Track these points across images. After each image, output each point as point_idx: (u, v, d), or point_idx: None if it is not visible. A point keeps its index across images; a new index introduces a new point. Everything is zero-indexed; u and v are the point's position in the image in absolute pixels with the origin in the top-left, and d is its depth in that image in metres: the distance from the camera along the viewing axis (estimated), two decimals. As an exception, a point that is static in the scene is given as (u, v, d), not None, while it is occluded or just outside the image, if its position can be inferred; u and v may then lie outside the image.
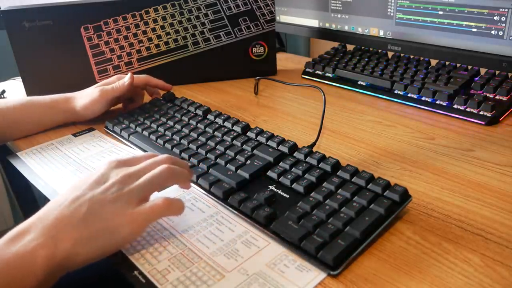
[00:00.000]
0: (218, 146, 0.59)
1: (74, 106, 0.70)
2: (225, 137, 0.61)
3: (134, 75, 0.71)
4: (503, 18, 0.67)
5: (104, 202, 0.41)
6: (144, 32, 0.87)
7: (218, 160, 0.56)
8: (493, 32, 0.68)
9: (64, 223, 0.39)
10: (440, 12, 0.74)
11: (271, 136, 0.59)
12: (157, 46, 0.88)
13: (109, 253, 0.41)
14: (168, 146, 0.61)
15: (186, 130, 0.64)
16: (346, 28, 0.91)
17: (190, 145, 0.60)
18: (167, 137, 0.63)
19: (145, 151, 0.62)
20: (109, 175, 0.44)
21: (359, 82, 0.82)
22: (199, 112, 0.69)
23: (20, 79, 0.84)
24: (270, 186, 0.50)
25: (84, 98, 0.70)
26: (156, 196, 0.44)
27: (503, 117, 0.66)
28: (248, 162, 0.54)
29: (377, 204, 0.44)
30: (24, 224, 0.39)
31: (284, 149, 0.56)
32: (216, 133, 0.62)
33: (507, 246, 0.41)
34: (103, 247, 0.40)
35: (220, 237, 0.45)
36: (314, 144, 0.61)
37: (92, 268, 0.40)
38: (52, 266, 0.37)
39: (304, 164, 0.52)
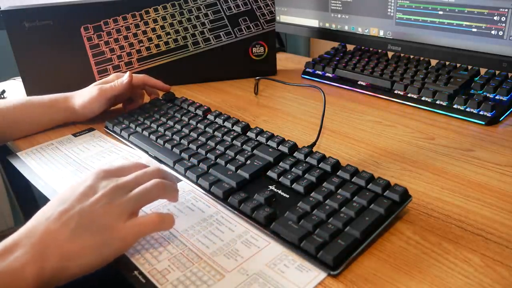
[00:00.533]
0: (218, 146, 0.59)
1: (73, 105, 0.71)
2: (225, 137, 0.61)
3: (133, 75, 0.71)
4: (503, 18, 0.67)
5: (93, 215, 0.40)
6: (144, 32, 0.87)
7: (218, 160, 0.56)
8: (493, 32, 0.68)
9: (52, 239, 0.38)
10: (440, 12, 0.74)
11: (271, 136, 0.59)
12: (157, 46, 0.88)
13: (99, 266, 0.40)
14: (168, 146, 0.61)
15: (186, 130, 0.64)
16: (346, 28, 0.91)
17: (190, 145, 0.60)
18: (167, 137, 0.63)
19: (145, 151, 0.62)
20: (98, 186, 0.43)
21: (359, 82, 0.82)
22: (199, 112, 0.69)
23: (20, 79, 0.84)
24: (270, 186, 0.50)
25: (82, 97, 0.70)
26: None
27: (503, 117, 0.66)
28: (248, 162, 0.54)
29: (377, 204, 0.44)
30: (13, 238, 0.38)
31: (284, 149, 0.56)
32: (216, 133, 0.62)
33: (507, 246, 0.41)
34: (93, 262, 0.39)
35: (220, 237, 0.45)
36: (314, 144, 0.61)
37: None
38: (41, 281, 0.36)
39: (304, 164, 0.52)
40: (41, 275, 0.36)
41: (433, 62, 0.80)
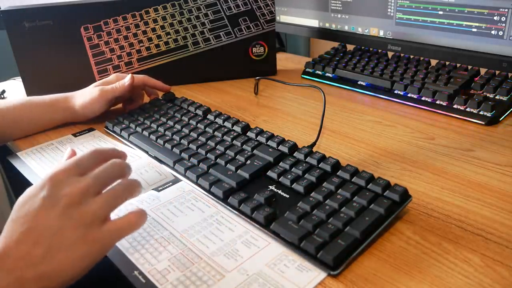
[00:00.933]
0: (218, 146, 0.59)
1: (73, 105, 0.71)
2: (225, 137, 0.61)
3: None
4: (503, 18, 0.67)
5: (64, 230, 0.37)
6: (144, 32, 0.87)
7: (218, 160, 0.56)
8: (493, 32, 0.68)
9: (26, 262, 0.36)
10: (440, 12, 0.74)
11: (271, 136, 0.59)
12: (157, 46, 0.88)
13: (81, 276, 0.38)
14: (168, 146, 0.61)
15: (186, 130, 0.64)
16: (346, 28, 0.91)
17: (190, 145, 0.60)
18: (167, 137, 0.63)
19: (145, 151, 0.62)
20: (58, 194, 0.38)
21: (359, 82, 0.82)
22: (199, 112, 0.69)
23: (20, 79, 0.84)
24: (270, 186, 0.50)
25: (83, 97, 0.70)
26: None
27: (503, 117, 0.66)
28: (248, 162, 0.54)
29: (377, 204, 0.44)
30: None
31: (284, 149, 0.56)
32: (216, 133, 0.62)
33: (507, 246, 0.41)
34: (74, 275, 0.38)
35: (220, 237, 0.45)
36: (314, 144, 0.61)
37: (92, 268, 0.40)
38: None
39: (304, 164, 0.52)
40: None
41: (433, 62, 0.80)
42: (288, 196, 0.49)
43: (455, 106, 0.68)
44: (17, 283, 0.35)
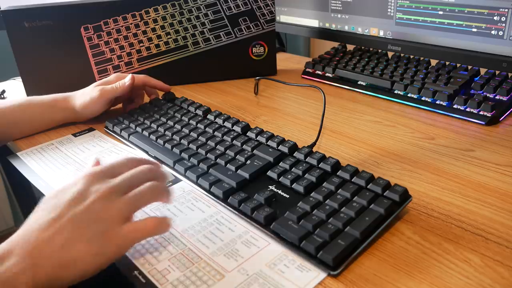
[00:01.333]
0: (218, 146, 0.59)
1: (73, 105, 0.71)
2: (225, 137, 0.61)
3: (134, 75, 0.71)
4: (503, 18, 0.67)
5: (87, 222, 0.39)
6: (144, 32, 0.87)
7: (218, 160, 0.56)
8: (493, 32, 0.68)
9: (45, 248, 0.37)
10: (440, 12, 0.74)
11: (271, 136, 0.59)
12: (157, 46, 0.88)
13: (95, 273, 0.39)
14: (168, 146, 0.61)
15: (186, 130, 0.64)
16: (346, 28, 0.91)
17: (190, 145, 0.60)
18: (167, 137, 0.63)
19: (145, 151, 0.62)
20: (89, 190, 0.41)
21: (359, 82, 0.82)
22: (199, 112, 0.69)
23: (20, 79, 0.84)
24: (270, 186, 0.50)
25: (83, 97, 0.70)
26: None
27: (503, 117, 0.66)
28: (248, 162, 0.54)
29: (377, 204, 0.44)
30: (5, 246, 0.37)
31: (284, 149, 0.56)
32: (216, 133, 0.62)
33: (507, 246, 0.41)
34: (88, 270, 0.38)
35: (220, 237, 0.45)
36: (314, 144, 0.61)
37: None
38: None
39: (304, 164, 0.52)
40: (34, 284, 0.36)
41: (433, 62, 0.80)
42: (288, 196, 0.49)
43: (455, 106, 0.68)
44: (32, 267, 0.36)
